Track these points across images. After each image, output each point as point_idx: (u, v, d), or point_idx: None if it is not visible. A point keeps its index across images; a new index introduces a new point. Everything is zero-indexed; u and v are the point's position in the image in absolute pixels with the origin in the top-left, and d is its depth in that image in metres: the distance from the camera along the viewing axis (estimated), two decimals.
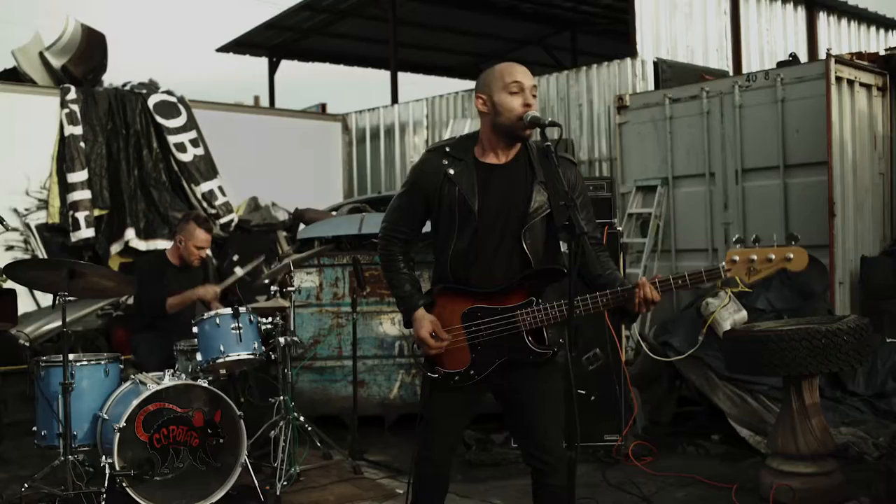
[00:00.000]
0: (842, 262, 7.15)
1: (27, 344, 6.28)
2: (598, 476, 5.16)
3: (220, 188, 9.93)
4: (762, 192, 7.97)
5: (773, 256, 2.92)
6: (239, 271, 5.53)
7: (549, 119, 3.09)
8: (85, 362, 4.84)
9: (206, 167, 9.95)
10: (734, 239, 2.99)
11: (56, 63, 9.81)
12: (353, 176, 13.17)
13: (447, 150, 3.21)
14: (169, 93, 10.22)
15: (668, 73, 10.06)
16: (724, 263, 2.97)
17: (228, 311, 4.92)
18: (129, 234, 9.27)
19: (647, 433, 6.10)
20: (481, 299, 3.16)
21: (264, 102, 14.59)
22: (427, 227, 3.39)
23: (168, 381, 4.63)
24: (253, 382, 5.61)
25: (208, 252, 5.81)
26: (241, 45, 14.89)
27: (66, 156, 9.08)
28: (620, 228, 7.57)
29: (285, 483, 4.89)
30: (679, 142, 8.58)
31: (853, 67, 7.50)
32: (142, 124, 9.74)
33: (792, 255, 2.92)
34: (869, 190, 7.70)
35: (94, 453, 4.80)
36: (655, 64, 10.08)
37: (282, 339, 5.11)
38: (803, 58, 11.27)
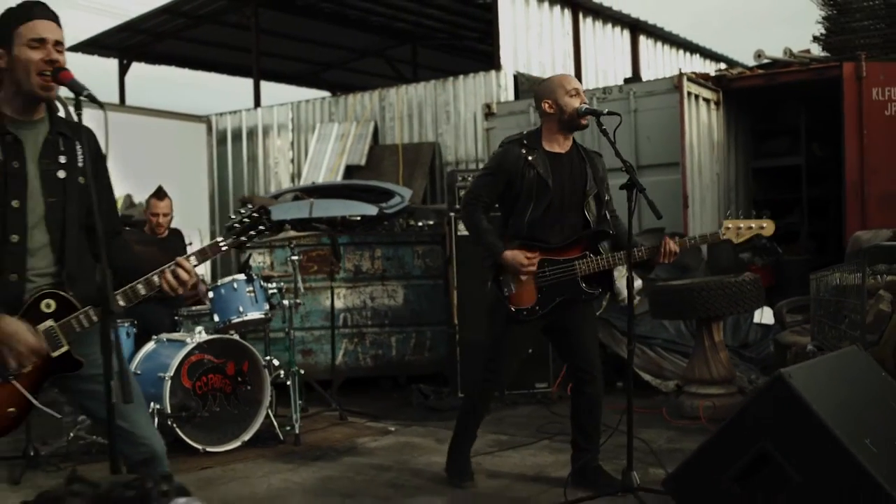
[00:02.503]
0: None
1: None
2: (546, 411, 6.25)
3: None
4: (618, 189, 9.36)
5: (753, 225, 4.11)
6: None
7: (607, 110, 4.13)
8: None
9: None
10: (727, 213, 4.13)
11: None
12: (215, 176, 13.62)
13: (524, 142, 4.23)
14: None
15: (526, 86, 11.37)
16: (721, 230, 4.13)
17: (243, 276, 5.59)
18: None
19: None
20: (547, 252, 4.18)
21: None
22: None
23: (204, 335, 5.26)
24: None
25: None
26: (91, 46, 14.85)
27: None
28: None
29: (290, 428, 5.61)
30: None
31: (697, 84, 9.05)
32: None
33: (765, 225, 4.11)
34: (709, 187, 9.28)
35: None
36: (515, 77, 11.38)
37: (286, 302, 5.83)
38: (627, 74, 12.99)
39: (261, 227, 3.01)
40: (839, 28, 9.43)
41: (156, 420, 5.02)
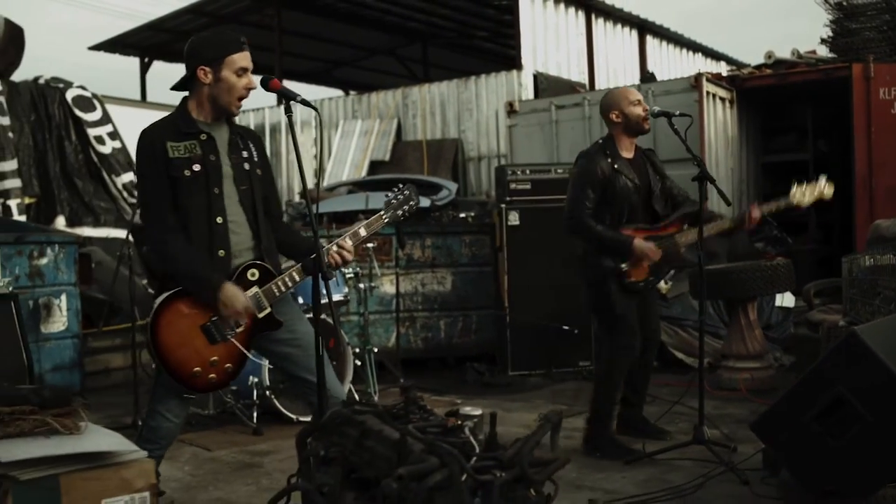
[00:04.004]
0: None
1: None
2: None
3: None
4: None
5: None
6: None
7: (679, 111, 4.71)
8: None
9: (125, 159, 10.57)
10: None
11: None
12: None
13: (606, 152, 4.85)
14: (83, 88, 10.76)
15: (545, 84, 11.96)
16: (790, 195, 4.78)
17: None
18: (60, 221, 9.86)
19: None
20: (650, 231, 4.88)
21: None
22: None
23: None
24: None
25: None
26: (114, 45, 15.32)
27: None
28: None
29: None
30: (563, 141, 10.36)
31: (714, 84, 9.64)
32: (61, 117, 10.23)
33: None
34: (723, 180, 9.85)
35: None
36: (535, 76, 11.95)
37: (361, 285, 6.37)
38: (635, 73, 13.60)
39: (412, 203, 3.58)
40: (846, 31, 10.04)
41: (255, 392, 5.57)
